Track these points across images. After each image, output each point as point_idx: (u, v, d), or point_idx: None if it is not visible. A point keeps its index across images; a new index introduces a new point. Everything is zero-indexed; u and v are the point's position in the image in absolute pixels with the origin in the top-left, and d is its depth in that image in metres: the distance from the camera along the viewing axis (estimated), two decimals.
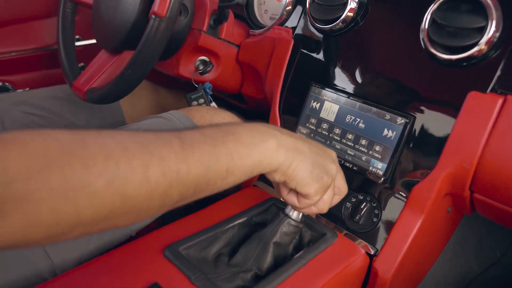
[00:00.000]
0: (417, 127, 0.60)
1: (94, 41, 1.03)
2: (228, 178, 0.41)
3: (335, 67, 0.71)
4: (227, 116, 0.80)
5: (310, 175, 0.47)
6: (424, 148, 0.59)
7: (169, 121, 0.74)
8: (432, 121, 0.59)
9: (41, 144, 0.31)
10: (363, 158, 0.64)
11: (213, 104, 0.89)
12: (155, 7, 0.63)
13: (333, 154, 0.53)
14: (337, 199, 0.55)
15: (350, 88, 0.68)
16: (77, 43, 1.13)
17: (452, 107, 0.57)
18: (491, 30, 0.54)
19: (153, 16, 0.63)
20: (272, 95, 0.78)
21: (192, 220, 0.62)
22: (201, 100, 0.88)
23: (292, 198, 0.51)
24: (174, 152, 0.37)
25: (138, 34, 0.70)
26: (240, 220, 0.60)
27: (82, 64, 1.14)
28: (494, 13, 0.53)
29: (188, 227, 0.59)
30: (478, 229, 0.84)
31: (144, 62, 0.65)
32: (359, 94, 0.67)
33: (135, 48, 0.71)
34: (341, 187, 0.54)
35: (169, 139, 0.38)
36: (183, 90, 1.11)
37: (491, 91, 0.55)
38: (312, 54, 0.75)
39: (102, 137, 0.35)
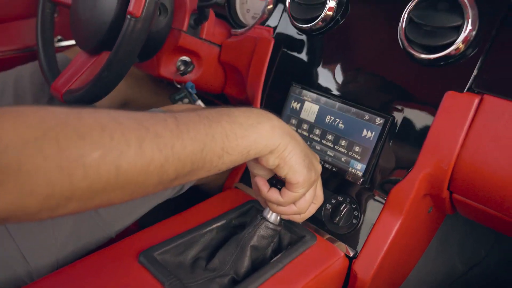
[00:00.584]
0: (395, 127, 0.59)
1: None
2: (224, 157, 0.42)
3: (315, 67, 0.70)
4: None
5: (302, 162, 0.48)
6: (402, 149, 0.59)
7: None
8: (410, 121, 0.58)
9: (35, 115, 0.31)
10: (343, 159, 0.63)
11: (199, 102, 0.88)
12: (131, 7, 0.62)
13: (318, 157, 0.54)
14: (314, 208, 0.56)
15: (330, 88, 0.67)
16: (59, 44, 1.12)
17: (430, 107, 0.57)
18: (468, 28, 0.53)
19: (128, 16, 0.62)
20: (254, 95, 0.77)
21: (171, 223, 0.61)
22: (186, 100, 0.87)
23: (273, 195, 0.51)
24: (169, 129, 0.38)
25: (117, 34, 0.69)
26: (219, 223, 0.60)
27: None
28: (470, 11, 0.53)
29: (166, 230, 0.58)
30: (461, 228, 0.84)
31: (120, 63, 0.65)
32: (338, 94, 0.66)
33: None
34: (319, 195, 0.55)
35: (164, 118, 0.39)
36: (165, 88, 1.10)
37: (468, 90, 0.54)
38: (293, 54, 0.74)
39: (97, 112, 0.35)
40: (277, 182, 0.55)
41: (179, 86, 0.87)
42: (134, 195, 0.37)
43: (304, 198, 0.52)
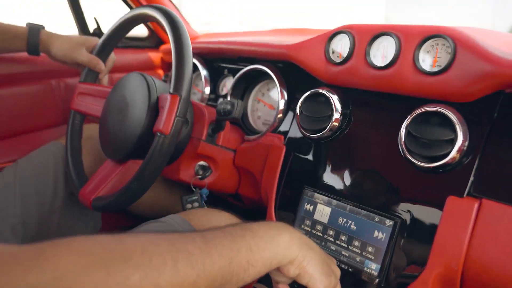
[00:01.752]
0: (405, 228, 0.64)
1: None
2: (249, 270, 0.46)
3: (325, 171, 0.77)
4: (224, 218, 0.83)
5: (321, 270, 0.52)
6: (414, 249, 0.63)
7: (169, 225, 0.77)
8: (418, 222, 0.63)
9: (85, 244, 0.36)
10: (357, 259, 0.67)
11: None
12: (160, 125, 0.70)
13: (334, 261, 0.58)
14: None
15: (340, 191, 0.73)
16: None
17: (435, 208, 0.62)
18: (460, 140, 0.61)
19: (158, 133, 0.70)
20: (268, 197, 0.83)
21: None
22: (196, 204, 0.92)
23: None
24: (199, 247, 0.42)
25: (143, 146, 0.76)
26: None
27: None
28: (460, 127, 0.61)
29: None
30: None
31: (149, 175, 0.71)
32: (349, 197, 0.72)
33: (139, 158, 0.77)
34: None
35: (193, 237, 0.44)
36: (177, 188, 1.16)
37: (467, 195, 0.60)
38: (304, 158, 0.81)
39: (137, 236, 0.41)
40: (299, 286, 0.58)
41: (194, 189, 0.93)
42: None
43: None
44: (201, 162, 0.91)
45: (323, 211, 0.73)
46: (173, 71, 0.73)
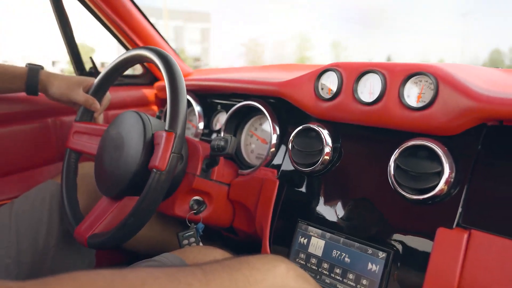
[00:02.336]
0: (398, 260, 0.65)
1: None
2: None
3: (318, 204, 0.78)
4: (218, 255, 0.84)
5: None
6: (407, 280, 0.64)
7: (163, 265, 0.77)
8: (411, 253, 0.65)
9: (88, 278, 0.38)
10: None
11: (200, 244, 0.94)
12: (156, 161, 0.72)
13: None
14: None
15: (333, 223, 0.75)
16: None
17: (426, 239, 0.64)
18: (446, 173, 0.63)
19: (154, 169, 0.72)
20: (262, 231, 0.84)
21: None
22: (192, 239, 0.93)
23: None
24: (198, 279, 0.43)
25: (138, 182, 0.77)
26: None
27: None
28: (445, 160, 0.63)
29: None
30: None
31: (146, 211, 0.72)
32: (342, 229, 0.73)
33: (135, 194, 0.78)
34: None
35: (192, 270, 0.45)
36: (171, 225, 1.16)
37: (457, 225, 0.62)
38: (297, 191, 0.83)
39: (137, 270, 0.42)
40: None
41: (189, 225, 0.93)
42: None
43: None
44: (196, 197, 0.92)
45: (317, 244, 0.74)
46: (168, 109, 0.75)
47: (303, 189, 0.82)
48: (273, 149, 0.93)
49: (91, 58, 1.33)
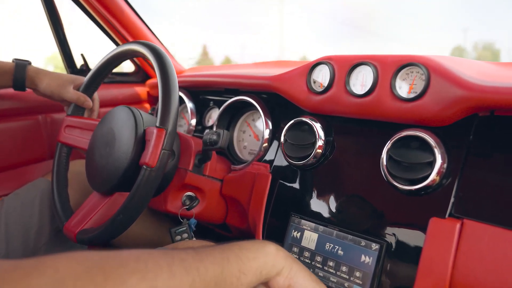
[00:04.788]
0: (391, 251, 0.65)
1: None
2: (242, 279, 0.47)
3: (311, 198, 0.78)
4: None
5: (311, 278, 0.53)
6: (400, 271, 0.63)
7: None
8: (404, 244, 0.64)
9: (82, 254, 0.38)
10: (346, 285, 0.67)
11: (194, 239, 0.93)
12: (146, 158, 0.71)
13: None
14: None
15: (326, 216, 0.74)
16: None
17: (419, 230, 0.63)
18: (438, 163, 0.63)
19: (144, 166, 0.71)
20: (255, 226, 0.83)
21: None
22: (185, 235, 0.92)
23: None
24: (191, 256, 0.44)
25: (129, 178, 0.76)
26: None
27: None
28: (438, 150, 0.63)
29: None
30: None
31: (136, 207, 0.71)
32: (335, 222, 0.73)
33: (126, 190, 0.77)
34: None
35: (184, 249, 0.46)
36: (164, 221, 1.15)
37: (449, 215, 0.62)
38: (290, 186, 0.82)
39: (131, 249, 0.42)
40: None
41: (181, 220, 0.92)
42: None
43: None
44: (188, 193, 0.91)
45: (310, 238, 0.74)
46: (160, 104, 0.75)
47: (296, 183, 0.82)
48: (265, 144, 0.92)
49: (82, 55, 1.32)
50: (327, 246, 0.71)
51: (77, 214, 0.82)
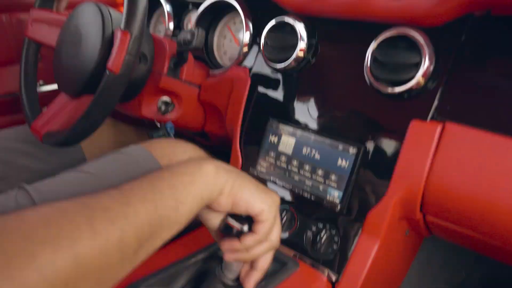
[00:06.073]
0: (368, 155, 0.63)
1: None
2: (180, 209, 0.41)
3: (290, 103, 0.75)
4: (188, 148, 0.80)
5: (257, 190, 0.47)
6: (376, 175, 0.63)
7: (129, 156, 0.74)
8: (381, 149, 0.63)
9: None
10: (320, 188, 0.66)
11: None
12: (110, 63, 0.66)
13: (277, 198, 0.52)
14: (269, 257, 0.53)
15: (305, 121, 0.72)
16: (41, 89, 1.14)
17: (398, 135, 0.61)
18: (425, 64, 0.59)
19: (107, 71, 0.66)
20: (233, 131, 0.81)
21: (157, 256, 0.62)
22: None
23: (231, 243, 0.49)
24: (116, 200, 0.37)
25: (97, 81, 0.72)
26: (204, 255, 0.61)
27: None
28: (426, 49, 0.59)
29: (152, 263, 0.59)
30: (442, 249, 0.87)
31: (98, 114, 0.68)
32: (313, 127, 0.70)
33: (93, 93, 0.73)
34: (276, 239, 0.52)
35: (107, 192, 0.38)
36: (144, 127, 1.13)
37: (431, 119, 0.59)
38: (269, 91, 0.78)
39: (38, 207, 0.34)
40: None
41: (159, 125, 0.90)
42: (103, 284, 0.35)
43: (276, 226, 0.50)
44: (164, 98, 0.87)
45: (287, 142, 0.72)
46: (125, 5, 0.68)
47: (276, 89, 0.78)
48: (245, 48, 0.86)
49: None
50: (304, 151, 0.69)
51: (44, 115, 0.79)
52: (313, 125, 0.71)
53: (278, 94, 0.77)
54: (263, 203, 0.48)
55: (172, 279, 0.57)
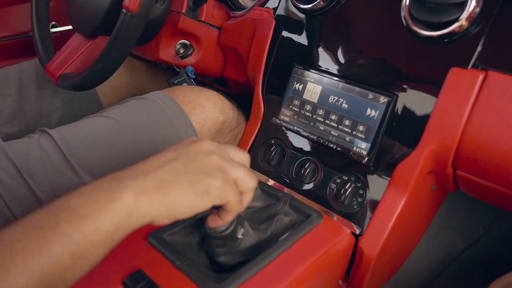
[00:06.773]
0: (400, 105, 0.59)
1: (70, 27, 1.00)
2: (81, 265, 0.34)
3: (317, 48, 0.70)
4: (212, 95, 0.78)
5: (195, 195, 0.39)
6: (407, 126, 0.59)
7: (152, 102, 0.72)
8: (415, 99, 0.59)
9: None
10: (347, 139, 0.63)
11: None
12: (126, 0, 0.61)
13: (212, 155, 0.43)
14: (248, 198, 0.46)
15: (332, 68, 0.67)
16: (54, 30, 1.10)
17: (434, 84, 0.57)
18: (472, 5, 0.53)
19: (123, 10, 0.62)
20: (255, 78, 0.77)
21: None
22: (184, 84, 0.87)
23: (215, 221, 0.46)
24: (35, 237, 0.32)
25: (112, 21, 0.68)
26: None
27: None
28: None
29: None
30: (462, 206, 0.85)
31: (115, 56, 0.64)
32: (341, 74, 0.66)
33: (109, 35, 0.69)
34: (244, 182, 0.44)
35: (23, 230, 0.33)
36: (163, 73, 1.09)
37: (472, 67, 0.54)
38: (294, 35, 0.73)
39: None
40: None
41: (178, 70, 0.86)
42: None
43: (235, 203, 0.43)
44: (183, 40, 0.83)
45: (313, 90, 0.68)
46: None
47: (302, 32, 0.73)
48: None
49: None
50: (331, 99, 0.66)
51: (58, 56, 0.76)
52: (341, 72, 0.66)
53: (304, 38, 0.72)
54: (206, 204, 0.40)
55: (194, 228, 0.56)
